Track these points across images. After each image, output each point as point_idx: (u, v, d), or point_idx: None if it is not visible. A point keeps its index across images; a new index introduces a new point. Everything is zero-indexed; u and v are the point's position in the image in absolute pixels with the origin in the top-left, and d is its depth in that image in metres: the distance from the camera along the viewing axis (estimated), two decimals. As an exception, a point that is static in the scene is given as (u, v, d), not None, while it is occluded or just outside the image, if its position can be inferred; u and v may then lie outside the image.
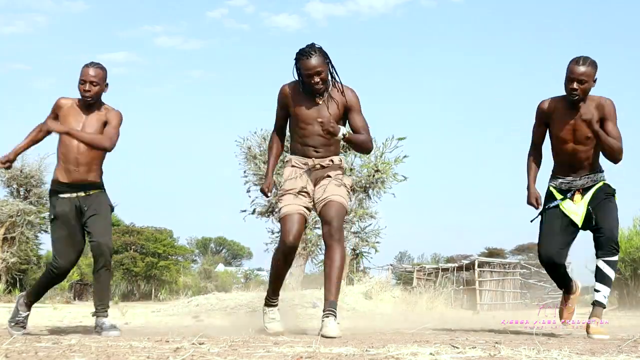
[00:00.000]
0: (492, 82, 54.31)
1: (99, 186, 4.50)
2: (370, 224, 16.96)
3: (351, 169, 16.19)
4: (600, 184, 4.41)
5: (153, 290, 26.92)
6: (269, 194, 4.42)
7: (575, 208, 4.40)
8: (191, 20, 61.49)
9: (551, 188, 4.53)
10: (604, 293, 4.28)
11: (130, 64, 58.53)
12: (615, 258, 4.28)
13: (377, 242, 17.04)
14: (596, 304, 4.30)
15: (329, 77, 4.20)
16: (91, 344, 3.05)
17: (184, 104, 58.25)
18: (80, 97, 4.41)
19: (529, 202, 4.54)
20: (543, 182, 4.63)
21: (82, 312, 10.13)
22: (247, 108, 51.68)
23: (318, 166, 4.31)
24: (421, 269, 24.71)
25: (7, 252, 22.50)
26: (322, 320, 4.01)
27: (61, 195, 4.43)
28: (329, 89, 4.25)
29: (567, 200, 4.43)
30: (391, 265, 26.20)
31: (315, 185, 4.35)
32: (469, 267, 21.86)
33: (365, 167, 16.47)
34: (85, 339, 3.63)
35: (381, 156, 16.50)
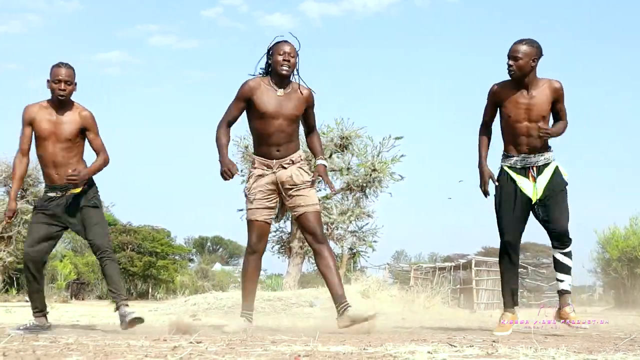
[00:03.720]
0: (488, 82, 54.27)
1: (86, 190, 4.54)
2: (367, 223, 16.95)
3: (348, 168, 16.20)
4: (555, 166, 4.54)
5: (150, 289, 26.89)
6: (234, 172, 4.37)
7: (530, 185, 4.49)
8: (186, 19, 61.43)
9: (505, 167, 4.60)
10: (567, 281, 4.54)
11: (125, 64, 58.48)
12: (570, 249, 4.52)
13: (374, 241, 17.05)
14: (563, 292, 4.56)
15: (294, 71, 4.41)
16: (88, 342, 3.04)
17: (179, 103, 58.20)
18: (48, 98, 4.49)
19: (483, 181, 4.58)
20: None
21: (79, 311, 10.12)
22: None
23: (279, 167, 4.43)
24: (418, 268, 24.71)
25: (4, 251, 22.44)
26: (342, 312, 4.32)
27: (48, 194, 4.54)
28: (290, 85, 4.42)
29: (523, 178, 4.51)
30: (388, 264, 26.19)
31: (282, 185, 4.45)
32: (466, 266, 21.86)
33: (362, 166, 16.47)
34: (83, 337, 3.63)
35: (378, 155, 16.49)
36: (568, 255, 4.52)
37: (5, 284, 22.26)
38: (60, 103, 4.47)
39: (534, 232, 4.62)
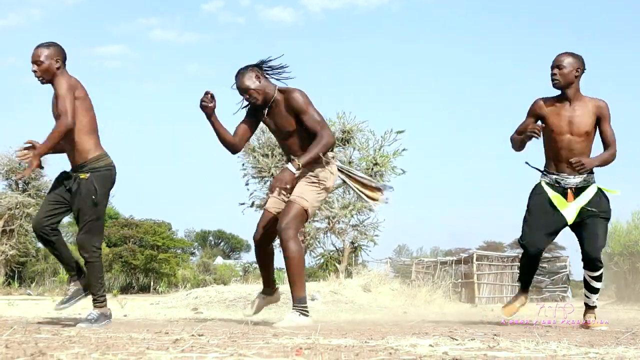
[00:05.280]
0: (491, 76, 54.30)
1: (86, 167, 4.26)
2: (369, 217, 16.97)
3: (350, 162, 16.18)
4: (596, 188, 4.49)
5: (152, 282, 26.93)
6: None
7: (568, 207, 4.45)
8: (186, 13, 61.34)
9: (543, 183, 4.57)
10: (593, 299, 4.68)
11: (125, 58, 58.44)
12: (600, 272, 4.58)
13: (376, 235, 17.07)
14: (588, 306, 4.71)
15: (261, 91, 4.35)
16: (90, 335, 3.05)
17: (181, 97, 58.15)
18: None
19: (530, 130, 4.40)
20: (530, 181, 4.70)
21: (81, 304, 10.12)
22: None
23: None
24: (420, 262, 24.75)
25: (6, 244, 22.50)
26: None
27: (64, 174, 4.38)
28: (273, 98, 4.35)
29: (560, 196, 4.48)
30: (390, 258, 26.24)
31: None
32: (468, 260, 21.89)
33: (363, 160, 16.47)
34: (85, 330, 3.64)
35: (380, 149, 16.49)
36: (597, 279, 4.58)
37: (8, 277, 22.31)
38: (43, 84, 4.24)
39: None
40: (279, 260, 4.87)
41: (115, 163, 4.36)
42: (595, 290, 4.63)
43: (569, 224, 4.48)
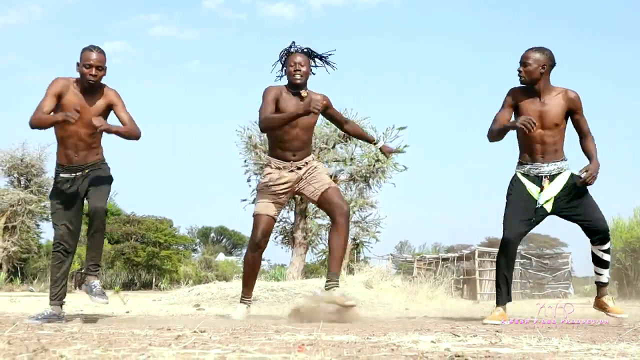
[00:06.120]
0: (493, 74, 54.18)
1: (99, 163, 4.49)
2: (371, 214, 16.96)
3: (351, 159, 16.17)
4: (569, 173, 4.56)
5: (154, 279, 26.97)
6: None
7: (545, 194, 4.51)
8: (186, 9, 61.27)
9: (519, 174, 4.63)
10: (605, 274, 4.70)
11: (126, 54, 58.41)
12: (608, 245, 4.61)
13: (378, 232, 17.06)
14: (601, 284, 4.71)
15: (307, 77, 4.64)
16: (93, 331, 3.05)
17: (183, 93, 58.15)
18: (77, 78, 4.35)
19: (523, 122, 4.30)
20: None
21: (83, 300, 10.13)
22: (247, 98, 51.62)
23: (295, 168, 4.61)
24: (421, 258, 24.74)
25: (8, 241, 22.53)
26: (327, 289, 4.41)
27: (62, 175, 4.44)
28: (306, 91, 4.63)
29: (534, 185, 4.54)
30: (391, 254, 26.24)
31: (295, 183, 4.63)
32: (469, 257, 21.89)
33: (365, 156, 16.45)
34: (87, 326, 3.64)
35: (382, 146, 16.46)
36: (607, 251, 4.62)
37: (10, 273, 22.34)
38: (89, 87, 4.32)
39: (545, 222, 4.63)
40: (280, 258, 4.91)
41: (116, 160, 4.55)
42: (606, 264, 4.64)
43: (548, 212, 4.52)
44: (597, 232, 4.53)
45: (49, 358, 1.95)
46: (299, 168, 4.63)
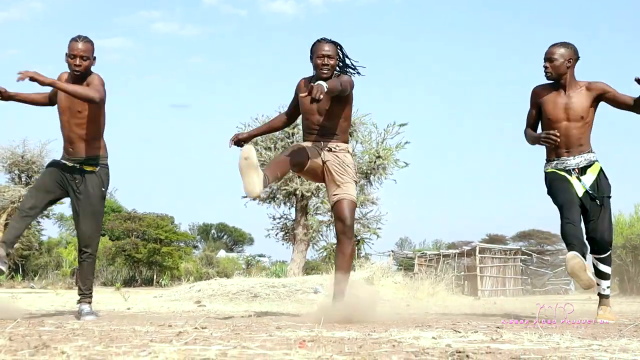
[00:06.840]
0: (495, 71, 54.13)
1: (96, 161, 4.44)
2: (372, 210, 16.98)
3: (352, 156, 16.17)
4: (599, 167, 4.53)
5: (155, 276, 26.98)
6: (237, 143, 4.68)
7: (576, 182, 4.47)
8: (187, 5, 61.23)
9: (549, 169, 4.59)
10: (603, 286, 4.60)
11: (127, 51, 58.37)
12: (608, 254, 4.56)
13: (379, 228, 17.07)
14: (600, 295, 4.64)
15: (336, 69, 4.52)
16: (94, 328, 3.06)
17: (184, 90, 58.11)
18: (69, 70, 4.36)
19: (544, 139, 4.34)
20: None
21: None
22: (249, 94, 51.63)
23: (327, 148, 4.62)
24: (422, 255, 24.75)
25: (9, 238, 22.51)
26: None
27: (63, 160, 4.44)
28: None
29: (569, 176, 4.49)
30: (392, 251, 26.23)
31: (324, 164, 4.61)
32: (470, 253, 21.89)
33: (366, 153, 16.46)
34: (89, 323, 3.65)
35: (382, 142, 16.47)
36: (605, 261, 4.55)
37: (11, 270, 22.35)
38: (76, 78, 4.32)
39: (537, 219, 4.61)
40: (281, 255, 4.89)
41: (116, 157, 4.49)
42: (604, 276, 4.57)
43: (579, 196, 4.44)
44: (596, 244, 4.50)
45: (50, 354, 1.95)
46: (331, 150, 4.64)
